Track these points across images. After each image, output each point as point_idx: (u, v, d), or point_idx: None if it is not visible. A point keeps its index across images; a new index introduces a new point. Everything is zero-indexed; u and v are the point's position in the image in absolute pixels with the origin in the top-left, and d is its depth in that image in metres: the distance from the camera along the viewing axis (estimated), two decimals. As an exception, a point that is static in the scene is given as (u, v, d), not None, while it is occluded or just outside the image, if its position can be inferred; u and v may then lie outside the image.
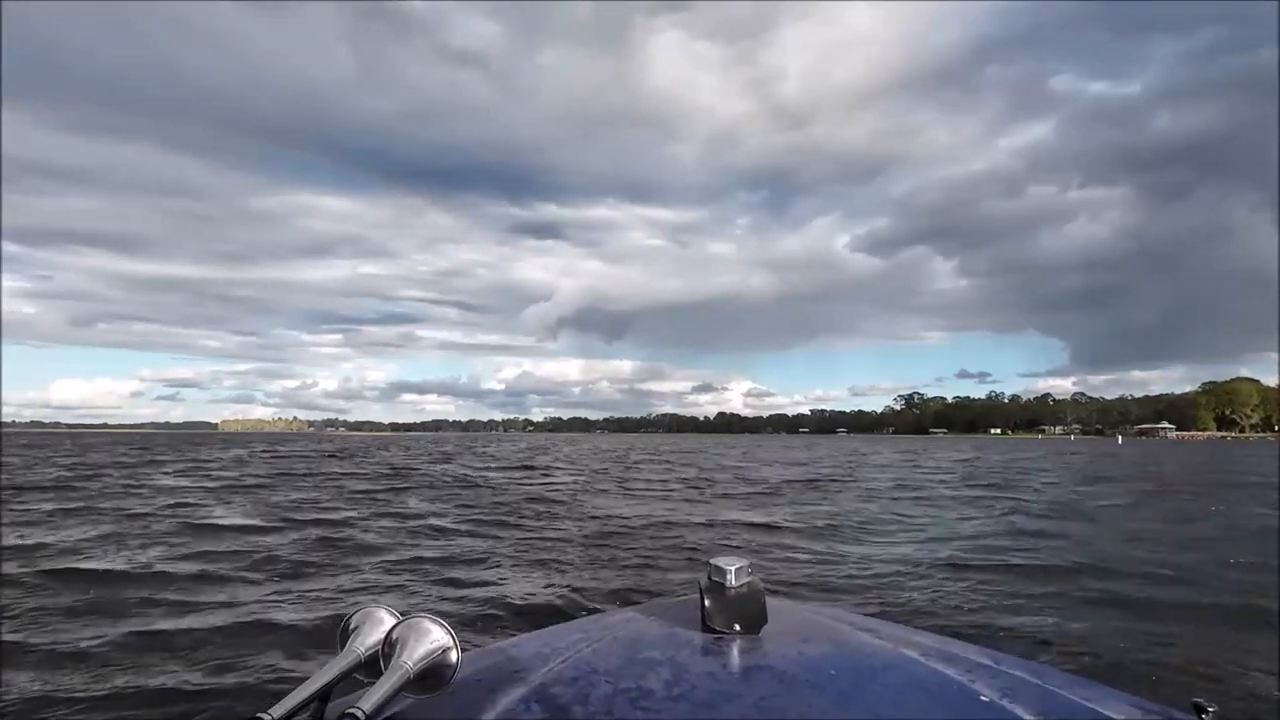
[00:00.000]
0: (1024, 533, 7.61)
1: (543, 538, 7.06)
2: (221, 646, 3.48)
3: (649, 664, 0.78)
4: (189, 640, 3.56)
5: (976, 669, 0.78)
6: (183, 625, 3.83)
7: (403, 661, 0.65)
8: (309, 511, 8.93)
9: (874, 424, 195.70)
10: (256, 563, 5.58)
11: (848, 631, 0.92)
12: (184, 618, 3.99)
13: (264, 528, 7.52)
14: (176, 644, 3.52)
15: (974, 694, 0.71)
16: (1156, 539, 7.21)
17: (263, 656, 3.33)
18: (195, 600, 4.42)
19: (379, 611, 0.71)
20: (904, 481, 15.40)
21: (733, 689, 0.71)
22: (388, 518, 8.47)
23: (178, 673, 3.11)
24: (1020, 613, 4.22)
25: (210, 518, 8.21)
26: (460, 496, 11.34)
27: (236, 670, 3.15)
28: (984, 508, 10.12)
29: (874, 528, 8.08)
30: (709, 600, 0.88)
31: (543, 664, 0.79)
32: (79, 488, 11.74)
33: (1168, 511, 9.84)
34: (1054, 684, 0.75)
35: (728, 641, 0.84)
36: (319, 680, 0.63)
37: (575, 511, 9.34)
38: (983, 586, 4.91)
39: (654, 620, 0.96)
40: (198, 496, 10.74)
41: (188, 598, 4.47)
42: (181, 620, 3.93)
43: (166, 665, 3.22)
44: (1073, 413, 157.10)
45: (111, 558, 5.71)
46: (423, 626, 0.68)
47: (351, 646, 0.68)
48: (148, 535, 6.92)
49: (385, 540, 6.79)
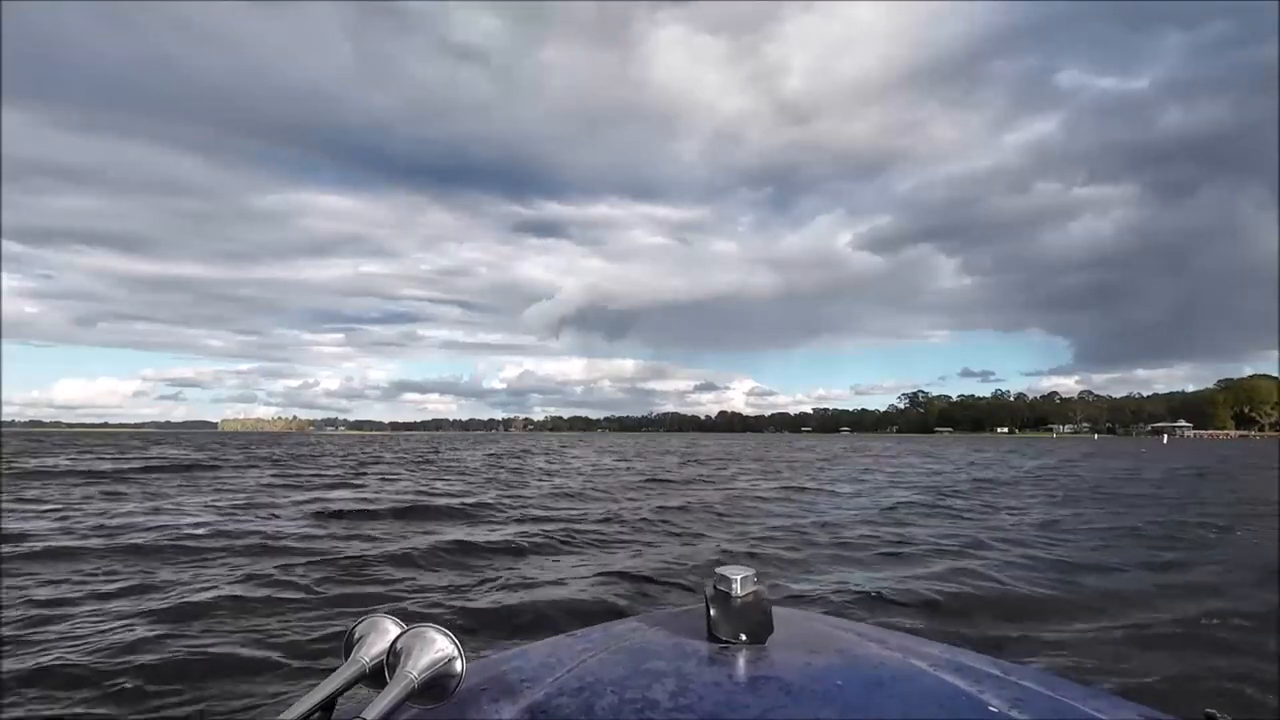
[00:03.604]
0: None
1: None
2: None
3: (654, 674, 0.75)
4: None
5: (985, 679, 0.74)
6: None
7: (407, 671, 0.64)
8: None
9: (878, 423, 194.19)
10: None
11: (855, 641, 0.87)
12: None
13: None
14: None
15: (982, 704, 0.68)
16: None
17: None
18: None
19: (384, 621, 0.70)
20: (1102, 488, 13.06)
21: (739, 699, 0.68)
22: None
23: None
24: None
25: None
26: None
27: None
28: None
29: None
30: (715, 610, 0.83)
31: (548, 674, 0.76)
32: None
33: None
34: (1065, 694, 0.72)
35: (733, 651, 0.80)
36: (323, 690, 0.62)
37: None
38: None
39: (659, 630, 0.91)
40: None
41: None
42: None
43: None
44: (1082, 411, 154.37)
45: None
46: (427, 636, 0.67)
47: (356, 656, 0.67)
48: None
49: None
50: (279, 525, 7.16)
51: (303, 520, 7.60)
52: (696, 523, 7.76)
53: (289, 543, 6.05)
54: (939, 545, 6.19)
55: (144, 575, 4.76)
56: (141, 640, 3.33)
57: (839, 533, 6.94)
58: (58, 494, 10.20)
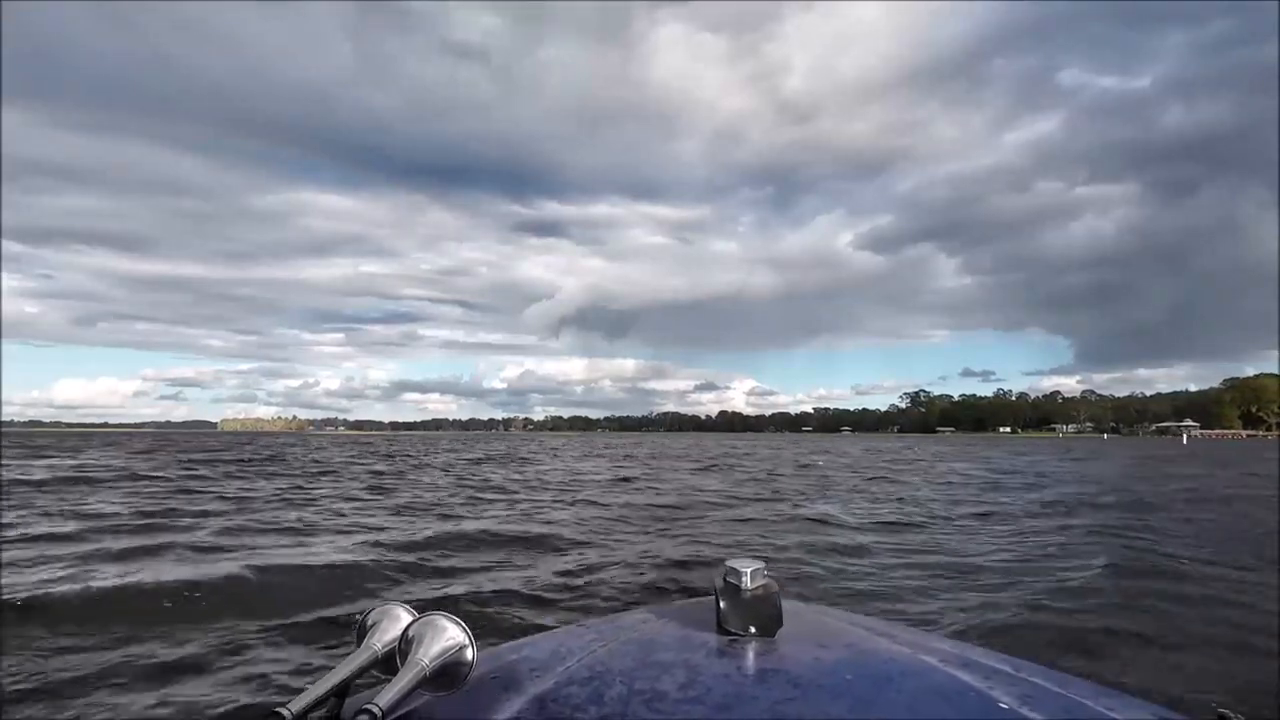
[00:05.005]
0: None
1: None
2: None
3: (663, 665, 0.76)
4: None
5: (995, 675, 0.74)
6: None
7: (419, 659, 0.65)
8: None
9: (879, 423, 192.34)
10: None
11: (865, 636, 0.87)
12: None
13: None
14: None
15: (993, 701, 0.68)
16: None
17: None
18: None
19: (396, 608, 0.71)
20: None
21: (747, 692, 0.69)
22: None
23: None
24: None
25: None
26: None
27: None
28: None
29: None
30: (724, 602, 0.84)
31: (558, 664, 0.77)
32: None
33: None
34: (1075, 692, 0.72)
35: (743, 644, 0.81)
36: (336, 676, 0.63)
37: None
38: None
39: (668, 622, 0.92)
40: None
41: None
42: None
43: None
44: (1086, 411, 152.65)
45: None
46: (439, 624, 0.68)
47: (369, 643, 0.67)
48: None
49: None
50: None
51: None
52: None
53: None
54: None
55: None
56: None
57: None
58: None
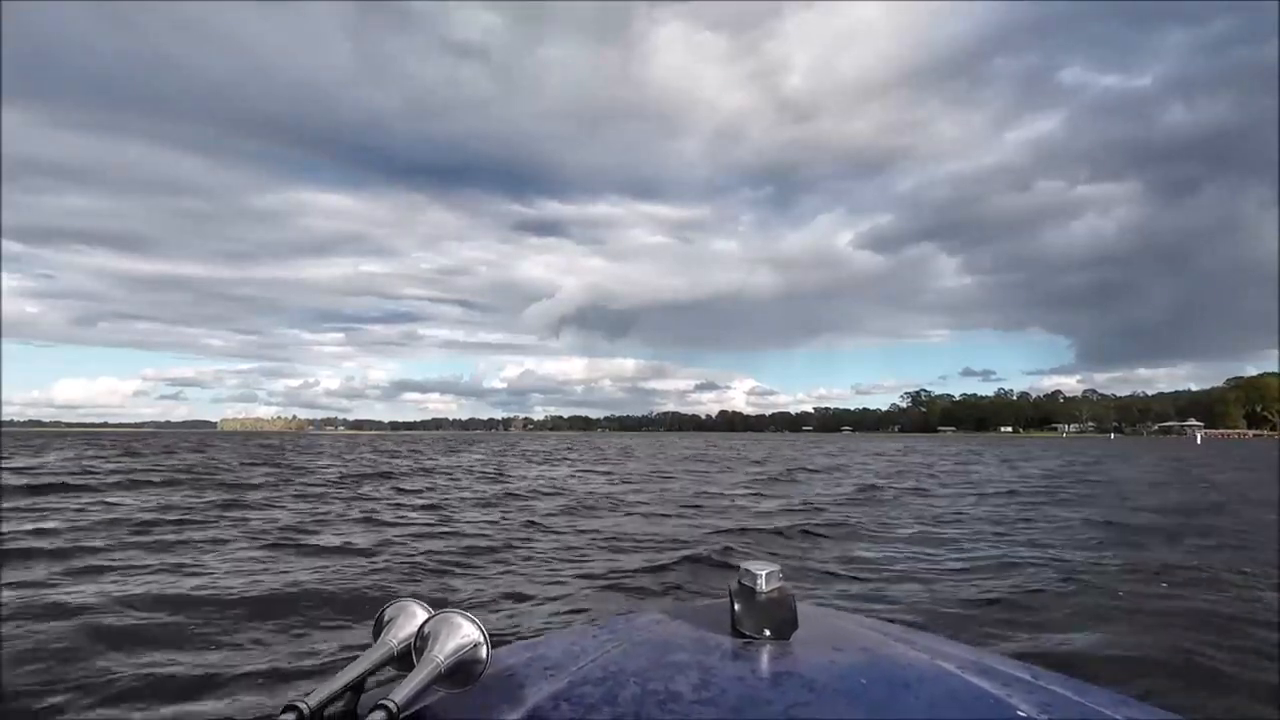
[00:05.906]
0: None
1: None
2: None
3: (678, 667, 0.75)
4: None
5: (1014, 683, 0.73)
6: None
7: (434, 655, 0.66)
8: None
9: (879, 422, 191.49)
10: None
11: (881, 640, 0.86)
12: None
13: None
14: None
15: (1011, 709, 0.66)
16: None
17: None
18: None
19: (412, 605, 0.72)
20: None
21: (761, 695, 0.68)
22: None
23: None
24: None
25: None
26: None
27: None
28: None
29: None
30: (739, 605, 0.83)
31: (572, 662, 0.77)
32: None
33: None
34: (1096, 702, 0.70)
35: (757, 647, 0.80)
36: (353, 671, 0.64)
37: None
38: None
39: (683, 623, 0.91)
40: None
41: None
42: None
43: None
44: (1088, 410, 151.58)
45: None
46: (454, 621, 0.69)
47: (385, 639, 0.69)
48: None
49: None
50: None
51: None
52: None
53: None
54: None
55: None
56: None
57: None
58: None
